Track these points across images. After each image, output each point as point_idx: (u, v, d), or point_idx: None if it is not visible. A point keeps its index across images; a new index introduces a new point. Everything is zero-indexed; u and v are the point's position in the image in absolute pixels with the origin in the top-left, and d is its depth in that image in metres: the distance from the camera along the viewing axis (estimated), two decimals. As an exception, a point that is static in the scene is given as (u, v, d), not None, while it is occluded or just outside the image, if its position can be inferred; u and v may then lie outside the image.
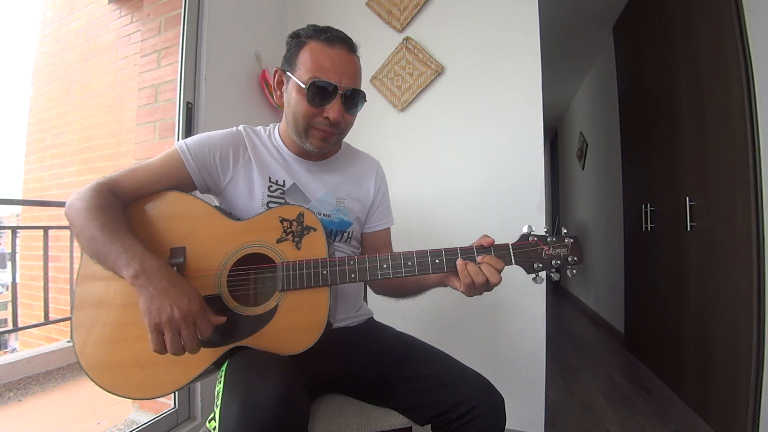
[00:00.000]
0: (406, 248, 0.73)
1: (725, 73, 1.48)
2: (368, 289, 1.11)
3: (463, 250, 0.70)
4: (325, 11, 1.83)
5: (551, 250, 0.71)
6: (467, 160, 1.59)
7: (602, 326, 3.25)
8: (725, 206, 1.51)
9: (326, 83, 0.74)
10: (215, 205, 0.81)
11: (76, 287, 0.71)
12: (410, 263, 0.70)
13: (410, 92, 1.67)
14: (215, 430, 0.59)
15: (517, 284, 1.50)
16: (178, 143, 0.80)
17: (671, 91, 1.90)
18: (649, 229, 2.12)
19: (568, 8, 2.52)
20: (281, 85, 0.83)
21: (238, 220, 0.76)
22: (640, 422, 1.63)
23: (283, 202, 0.83)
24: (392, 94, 1.70)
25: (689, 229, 1.71)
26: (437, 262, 0.70)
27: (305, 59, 0.76)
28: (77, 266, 0.73)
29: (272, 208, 0.76)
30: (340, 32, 0.79)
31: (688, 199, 1.71)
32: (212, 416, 0.64)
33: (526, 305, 1.49)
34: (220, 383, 0.65)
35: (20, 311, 2.27)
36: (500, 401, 0.72)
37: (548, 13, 1.81)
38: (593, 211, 3.71)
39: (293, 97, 0.78)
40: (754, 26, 1.37)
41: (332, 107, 0.76)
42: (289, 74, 0.79)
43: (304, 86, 0.75)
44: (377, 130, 1.73)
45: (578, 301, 4.29)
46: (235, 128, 0.87)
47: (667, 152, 1.96)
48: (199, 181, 0.80)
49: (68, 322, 0.72)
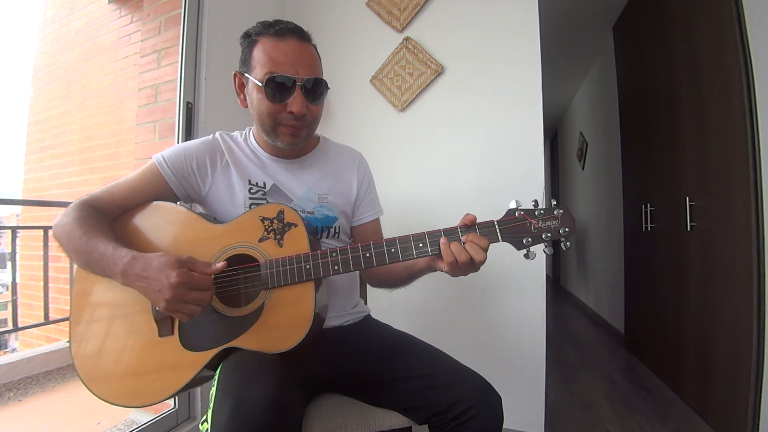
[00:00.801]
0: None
1: (725, 73, 1.48)
2: (367, 285, 1.11)
3: (446, 230, 0.68)
4: (325, 11, 1.83)
5: (540, 223, 0.67)
6: (467, 160, 1.59)
7: (602, 326, 3.25)
8: (725, 206, 1.51)
9: (283, 77, 0.74)
10: (198, 211, 0.81)
11: (71, 302, 0.73)
12: (393, 249, 0.69)
13: (410, 92, 1.67)
14: (207, 431, 0.59)
15: (517, 284, 1.50)
16: (155, 156, 0.81)
17: (671, 91, 1.90)
18: (649, 229, 2.12)
19: (568, 8, 2.52)
20: (243, 88, 0.82)
21: (221, 224, 0.76)
22: (640, 422, 1.63)
23: (265, 203, 0.83)
24: (392, 94, 1.70)
25: (689, 229, 1.71)
26: (421, 245, 0.68)
27: (258, 57, 0.76)
28: (76, 268, 0.74)
29: (253, 208, 0.76)
30: (289, 23, 0.78)
31: (688, 199, 1.71)
32: (204, 418, 0.64)
33: (526, 305, 1.49)
34: (213, 386, 0.65)
35: (20, 311, 2.27)
36: (498, 401, 0.72)
37: (548, 13, 1.81)
38: (593, 211, 3.71)
39: (255, 97, 0.77)
40: (754, 26, 1.37)
41: (294, 101, 0.75)
42: (246, 75, 0.78)
43: (261, 84, 0.74)
44: (377, 130, 1.73)
45: (578, 300, 4.29)
46: (210, 136, 0.88)
47: (667, 152, 1.96)
48: (179, 191, 0.81)
49: (68, 322, 0.73)
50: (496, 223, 0.68)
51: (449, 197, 1.60)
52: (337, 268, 0.69)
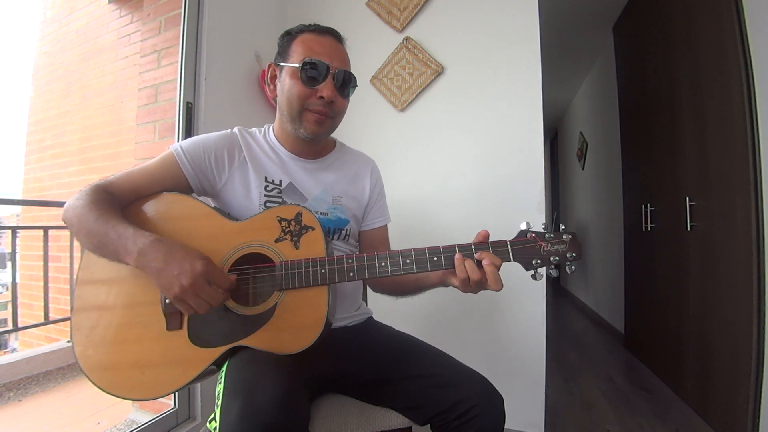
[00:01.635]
0: (405, 248, 0.72)
1: (725, 73, 1.48)
2: (368, 288, 1.11)
3: (461, 246, 0.69)
4: (325, 11, 1.83)
5: (549, 246, 0.70)
6: (467, 160, 1.59)
7: (602, 326, 3.25)
8: (725, 206, 1.51)
9: (319, 62, 0.78)
10: (213, 206, 0.81)
11: (75, 290, 0.72)
12: (408, 261, 0.70)
13: (410, 92, 1.67)
14: (215, 430, 0.59)
15: (517, 284, 1.50)
16: (173, 146, 0.81)
17: (671, 91, 1.90)
18: (649, 229, 2.12)
19: (568, 8, 2.52)
20: (274, 78, 0.86)
21: (236, 220, 0.76)
22: (640, 422, 1.63)
23: (280, 201, 0.83)
24: (392, 94, 1.70)
25: (689, 229, 1.71)
26: (435, 259, 0.69)
27: (297, 48, 0.81)
28: (77, 266, 0.73)
29: (270, 207, 0.76)
30: (331, 28, 0.85)
31: (688, 199, 1.71)
32: (212, 416, 0.64)
33: (526, 305, 1.49)
34: (220, 384, 0.65)
35: (20, 311, 2.27)
36: (500, 401, 0.72)
37: (548, 13, 1.81)
38: (593, 211, 3.71)
39: (287, 83, 0.80)
40: (754, 26, 1.37)
41: (325, 86, 0.79)
42: (282, 64, 0.82)
43: (297, 66, 0.78)
44: (377, 130, 1.73)
45: (578, 300, 4.29)
46: (229, 130, 0.88)
47: (667, 152, 1.96)
48: (195, 182, 0.81)
49: (68, 322, 0.72)
50: (509, 243, 0.70)
51: (449, 197, 1.60)
52: (352, 274, 0.70)
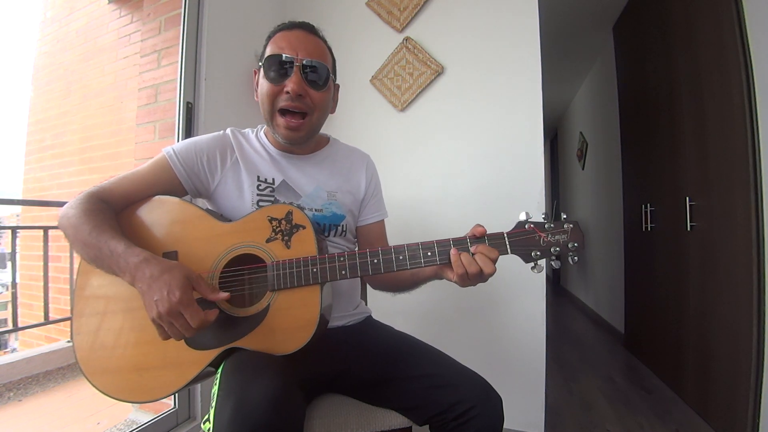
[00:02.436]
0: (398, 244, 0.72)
1: (725, 73, 1.48)
2: (367, 287, 1.11)
3: (455, 240, 0.68)
4: (325, 11, 1.83)
5: (549, 236, 0.67)
6: (467, 160, 1.59)
7: (602, 326, 3.25)
8: (725, 206, 1.51)
9: (280, 55, 0.76)
10: (206, 208, 0.81)
11: (74, 295, 0.73)
12: (401, 257, 0.69)
13: (410, 92, 1.67)
14: (209, 431, 0.59)
15: (517, 284, 1.50)
16: (165, 149, 0.81)
17: (671, 91, 1.90)
18: (649, 229, 2.12)
19: (568, 9, 2.52)
20: (257, 84, 0.85)
21: (228, 221, 0.76)
22: (640, 422, 1.63)
23: (273, 200, 0.83)
24: (392, 94, 1.70)
25: (689, 229, 1.71)
26: (429, 254, 0.69)
27: (269, 48, 0.80)
28: (76, 267, 0.74)
29: (262, 207, 0.76)
30: (303, 21, 0.83)
31: (688, 199, 1.71)
32: (207, 417, 0.64)
33: (526, 305, 1.49)
34: (215, 385, 0.65)
35: (20, 311, 2.27)
36: (498, 401, 0.72)
37: (548, 13, 1.81)
38: (593, 211, 3.71)
39: (260, 84, 0.80)
40: (754, 26, 1.37)
41: (290, 80, 0.76)
42: (259, 65, 0.82)
43: (261, 63, 0.78)
44: (377, 130, 1.73)
45: (578, 300, 4.29)
46: (221, 131, 0.88)
47: (667, 152, 1.96)
48: (188, 185, 0.81)
49: (68, 322, 0.73)
50: (505, 235, 0.68)
51: (449, 197, 1.60)
52: (344, 273, 0.69)
